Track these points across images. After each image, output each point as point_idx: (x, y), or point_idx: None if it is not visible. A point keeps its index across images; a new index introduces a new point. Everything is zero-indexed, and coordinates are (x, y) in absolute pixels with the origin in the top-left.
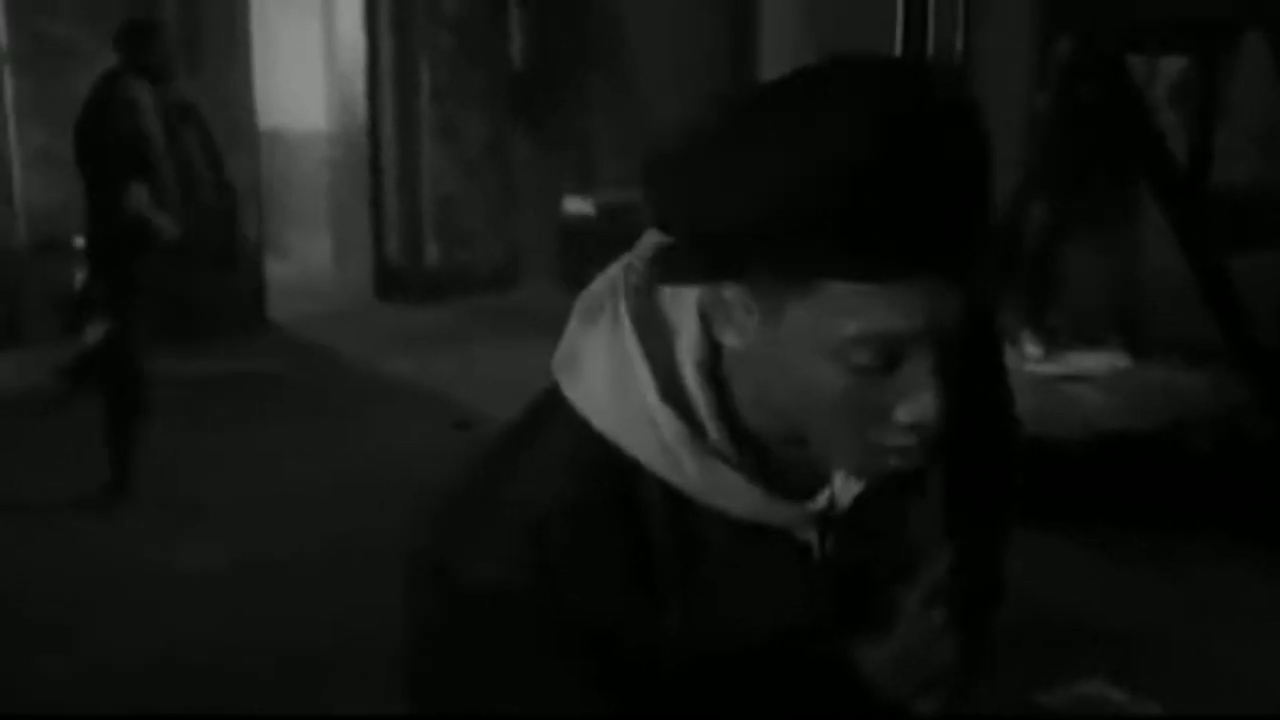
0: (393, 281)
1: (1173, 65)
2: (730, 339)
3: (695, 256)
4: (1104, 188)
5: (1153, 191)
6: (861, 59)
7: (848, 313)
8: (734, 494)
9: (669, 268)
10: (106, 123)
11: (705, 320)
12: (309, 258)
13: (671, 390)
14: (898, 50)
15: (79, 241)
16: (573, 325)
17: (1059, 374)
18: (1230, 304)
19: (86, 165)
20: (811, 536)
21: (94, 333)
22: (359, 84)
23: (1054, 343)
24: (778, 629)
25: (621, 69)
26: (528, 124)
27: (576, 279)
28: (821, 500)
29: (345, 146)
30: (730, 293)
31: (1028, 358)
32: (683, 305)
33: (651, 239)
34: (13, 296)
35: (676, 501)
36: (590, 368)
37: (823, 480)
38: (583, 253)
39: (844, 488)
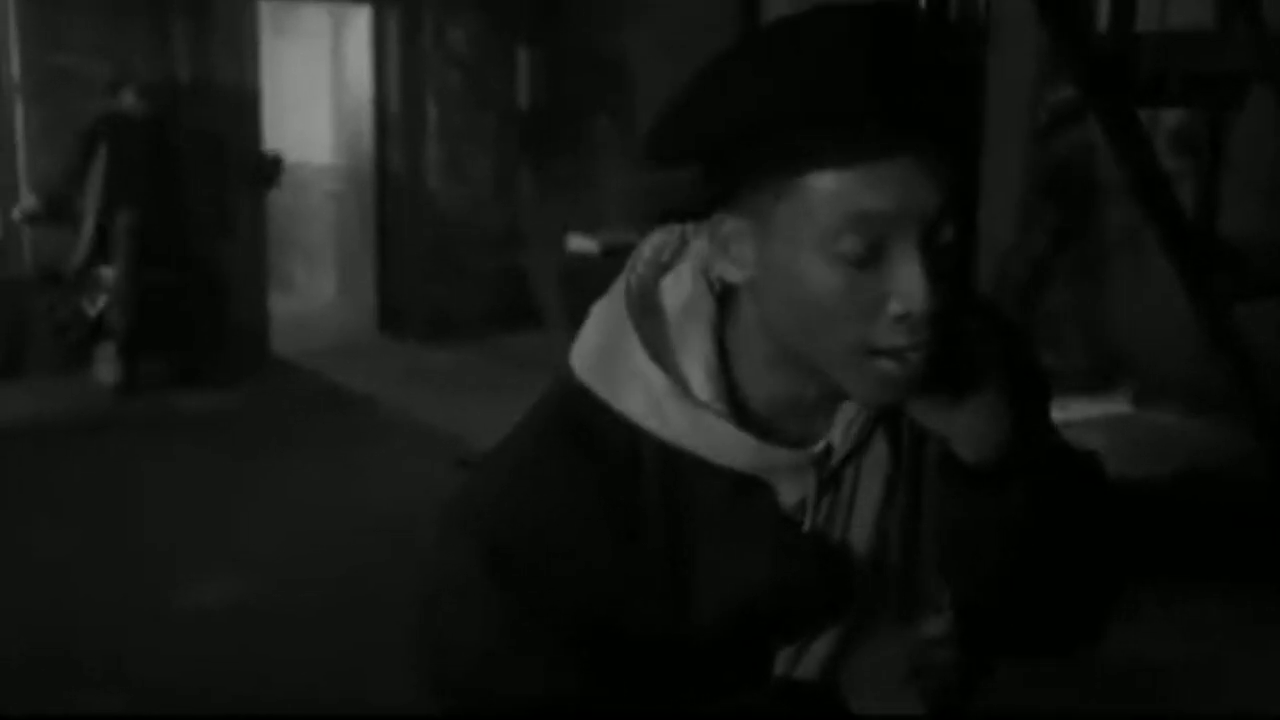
0: (397, 317)
1: (1173, 114)
2: (733, 274)
3: (699, 188)
4: (1109, 232)
5: (1158, 237)
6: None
7: (831, 201)
8: (724, 442)
9: (675, 209)
10: None
11: (711, 285)
12: (313, 292)
13: (660, 352)
14: None
15: (99, 271)
16: (587, 320)
17: (1059, 419)
18: (1236, 351)
19: None
20: (805, 499)
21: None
22: (366, 121)
23: (1055, 387)
24: (761, 598)
25: (627, 111)
26: (533, 163)
27: (580, 318)
28: (818, 446)
29: (351, 183)
30: (728, 226)
31: None
32: (687, 284)
33: (667, 232)
34: (17, 325)
35: (667, 459)
36: (587, 334)
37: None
38: (586, 292)
39: (841, 439)
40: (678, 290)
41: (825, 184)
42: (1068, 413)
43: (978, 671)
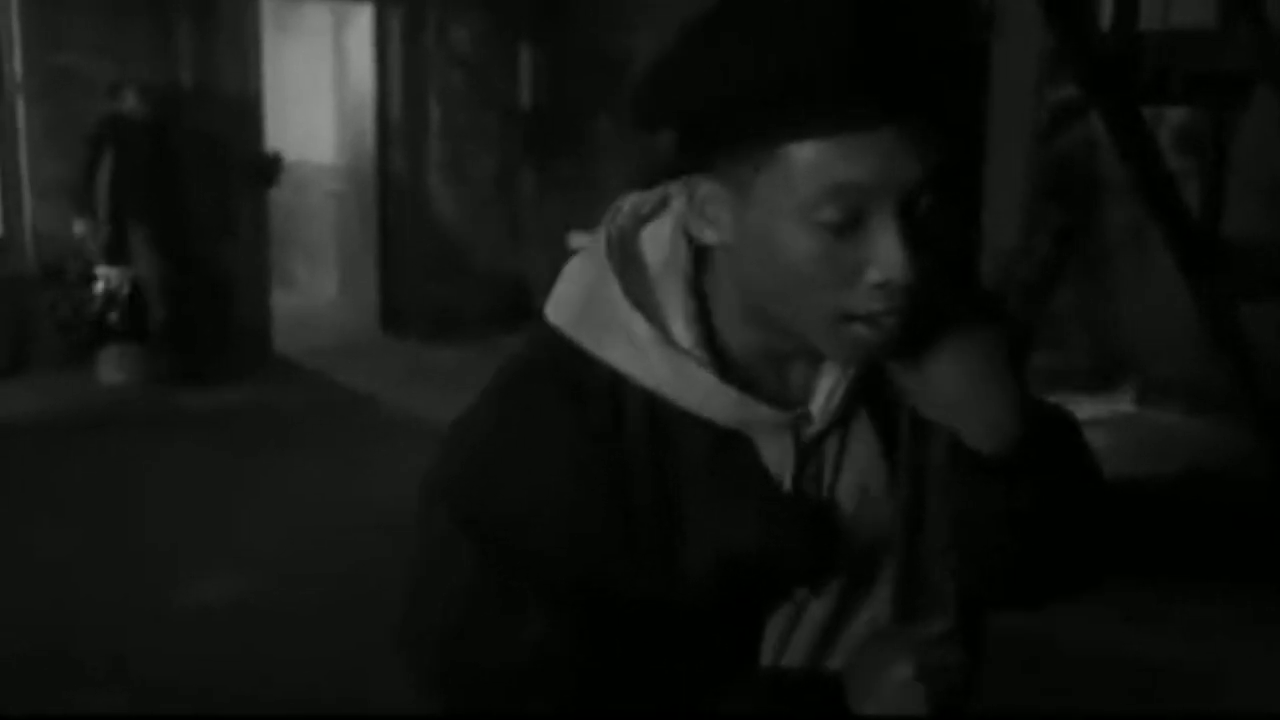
0: (398, 316)
1: (1178, 113)
2: (710, 236)
3: (679, 152)
4: (1112, 231)
5: (1163, 235)
6: None
7: (811, 171)
8: (706, 393)
9: (654, 169)
10: None
11: (689, 238)
12: (315, 291)
13: (641, 300)
14: None
15: (100, 270)
16: (562, 271)
17: None
18: (1238, 350)
19: None
20: (786, 469)
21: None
22: (368, 120)
23: (1053, 383)
24: (744, 553)
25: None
26: (535, 163)
27: None
28: (798, 410)
29: (354, 181)
30: (704, 188)
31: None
32: (665, 235)
33: (637, 195)
34: (22, 323)
35: (650, 410)
36: (564, 286)
37: (801, 403)
38: None
39: (822, 410)
40: (657, 243)
41: (805, 155)
42: (1070, 410)
43: (979, 670)
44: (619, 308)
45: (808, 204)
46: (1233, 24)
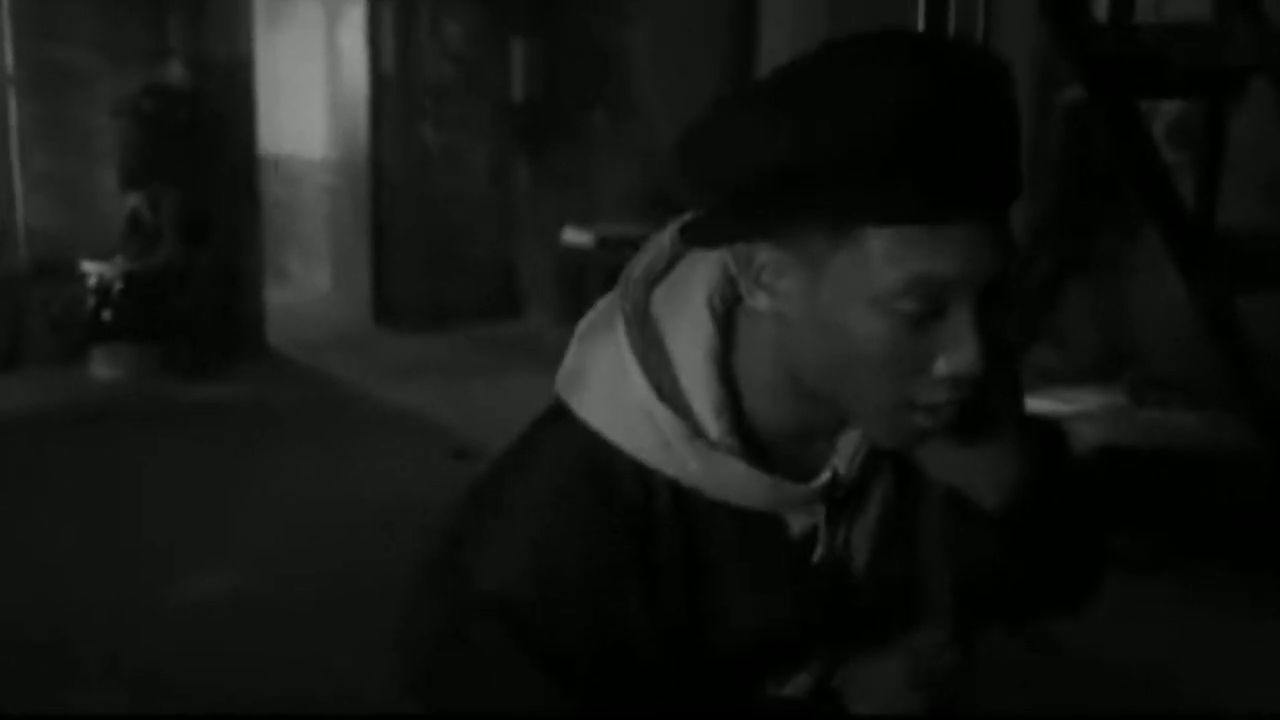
0: (392, 309)
1: (1173, 106)
2: (764, 303)
3: (733, 216)
4: (1109, 226)
5: (1158, 230)
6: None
7: (893, 259)
8: (739, 482)
9: (701, 231)
10: None
11: (715, 312)
12: (309, 284)
13: (666, 389)
14: None
15: (85, 265)
16: (574, 342)
17: (1056, 411)
18: (1235, 345)
19: None
20: (815, 529)
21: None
22: (361, 113)
23: (1050, 379)
24: (778, 630)
25: (623, 102)
26: (529, 156)
27: (575, 310)
28: (824, 477)
29: (347, 175)
30: (764, 255)
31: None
32: (685, 304)
33: (655, 246)
34: (13, 319)
35: (679, 498)
36: (591, 374)
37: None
38: (582, 284)
39: (846, 470)
40: (674, 313)
41: (887, 241)
42: (1065, 406)
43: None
44: (644, 401)
45: (887, 291)
46: (1229, 18)
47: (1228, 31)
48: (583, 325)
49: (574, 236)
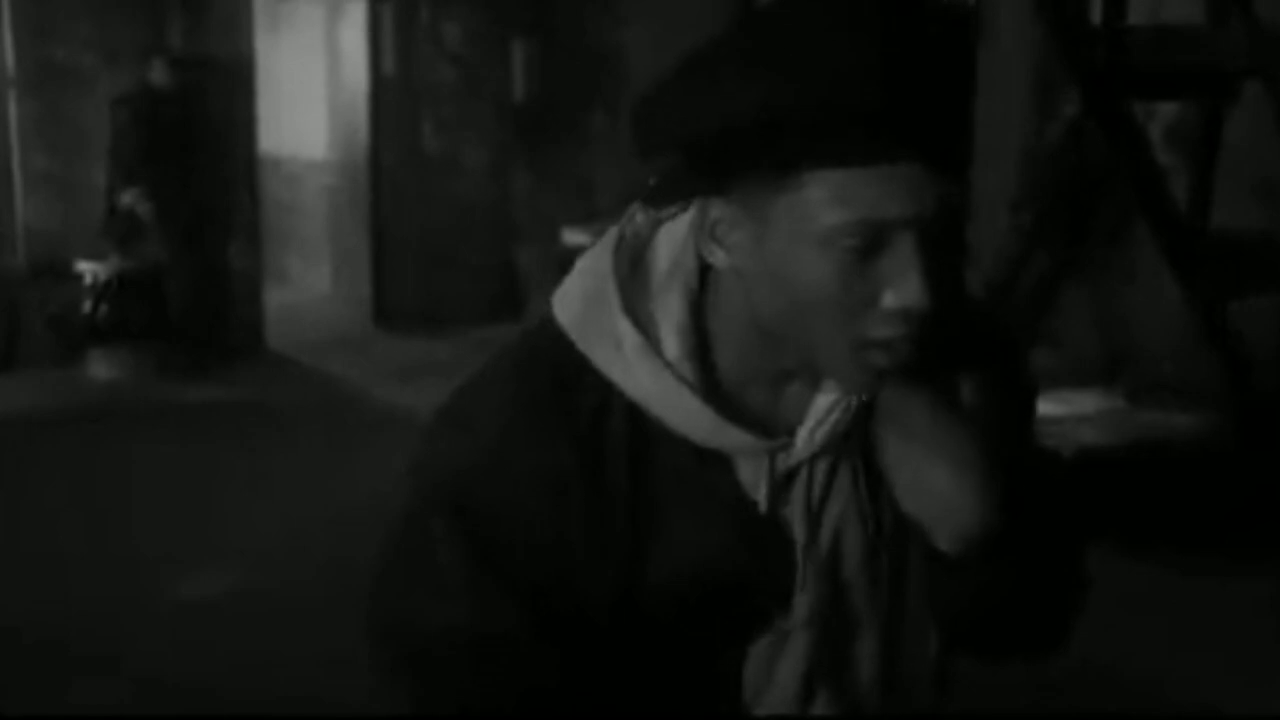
0: (392, 311)
1: (1169, 107)
2: (720, 259)
3: (686, 173)
4: (1104, 230)
5: (1152, 232)
6: None
7: (832, 201)
8: (683, 411)
9: (660, 191)
10: None
11: (700, 257)
12: (308, 285)
13: (634, 308)
14: None
15: (80, 265)
16: (578, 261)
17: (1052, 413)
18: (1227, 347)
19: None
20: (761, 493)
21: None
22: (361, 114)
23: (1048, 381)
24: (714, 572)
25: (622, 103)
26: (528, 156)
27: None
28: (782, 440)
29: (346, 175)
30: (716, 210)
31: None
32: (674, 241)
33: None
34: (11, 319)
35: (634, 419)
36: (572, 281)
37: (789, 431)
38: None
39: (806, 440)
40: (669, 248)
41: (828, 183)
42: (1062, 408)
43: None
44: (612, 312)
45: (829, 231)
46: (1222, 19)
47: (1222, 34)
48: (584, 254)
49: (573, 237)
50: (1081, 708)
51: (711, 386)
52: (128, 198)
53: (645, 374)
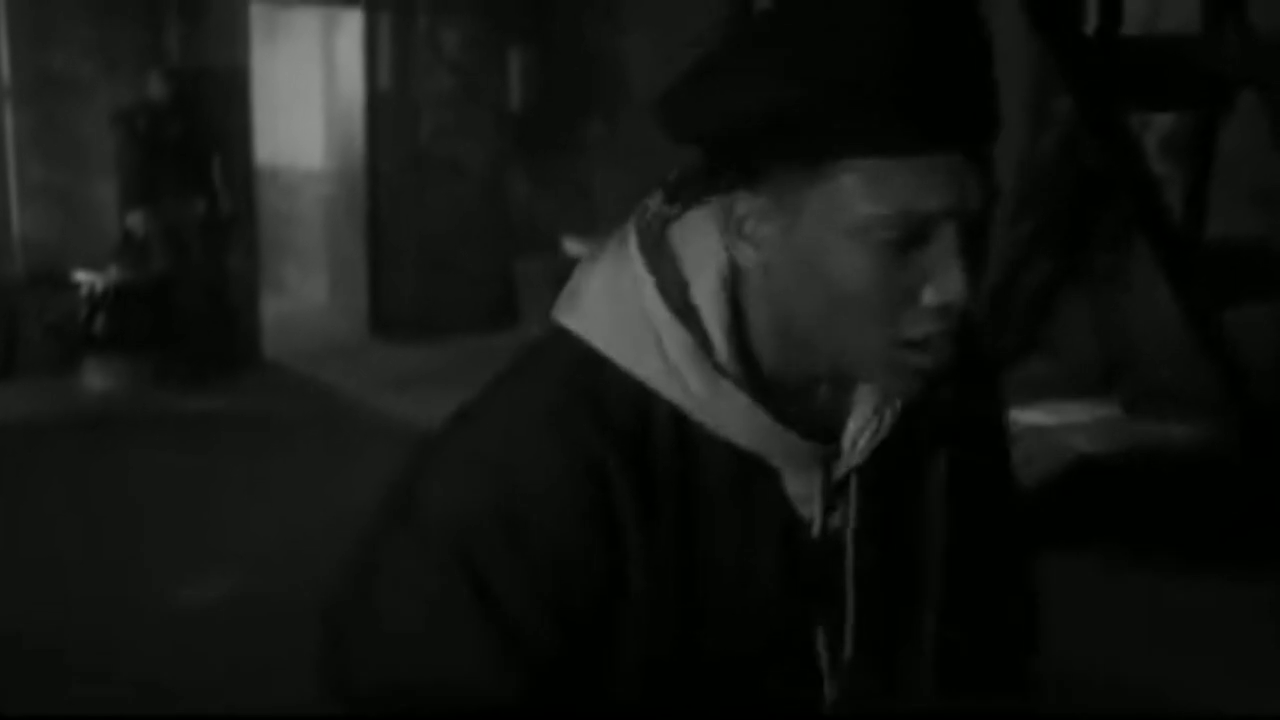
0: (389, 320)
1: (1165, 117)
2: (749, 256)
3: (715, 167)
4: (1101, 238)
5: (1148, 241)
6: None
7: (869, 192)
8: (738, 415)
9: (687, 186)
10: None
11: (729, 253)
12: (305, 295)
13: (678, 305)
14: None
15: (78, 275)
16: (576, 272)
17: (1049, 423)
18: (1223, 356)
19: None
20: (814, 507)
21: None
22: (358, 122)
23: (1045, 390)
24: (756, 586)
25: (621, 111)
26: (526, 164)
27: None
28: (833, 448)
29: (343, 184)
30: (744, 205)
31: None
32: (699, 235)
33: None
34: (9, 329)
35: (679, 429)
36: (591, 292)
37: (834, 435)
38: None
39: (851, 449)
40: (689, 240)
41: (864, 172)
42: (1059, 417)
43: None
44: (654, 314)
45: (866, 221)
46: (1217, 29)
47: (1216, 43)
48: (586, 254)
49: (572, 246)
50: (1082, 712)
51: (762, 389)
52: (134, 220)
53: (697, 378)
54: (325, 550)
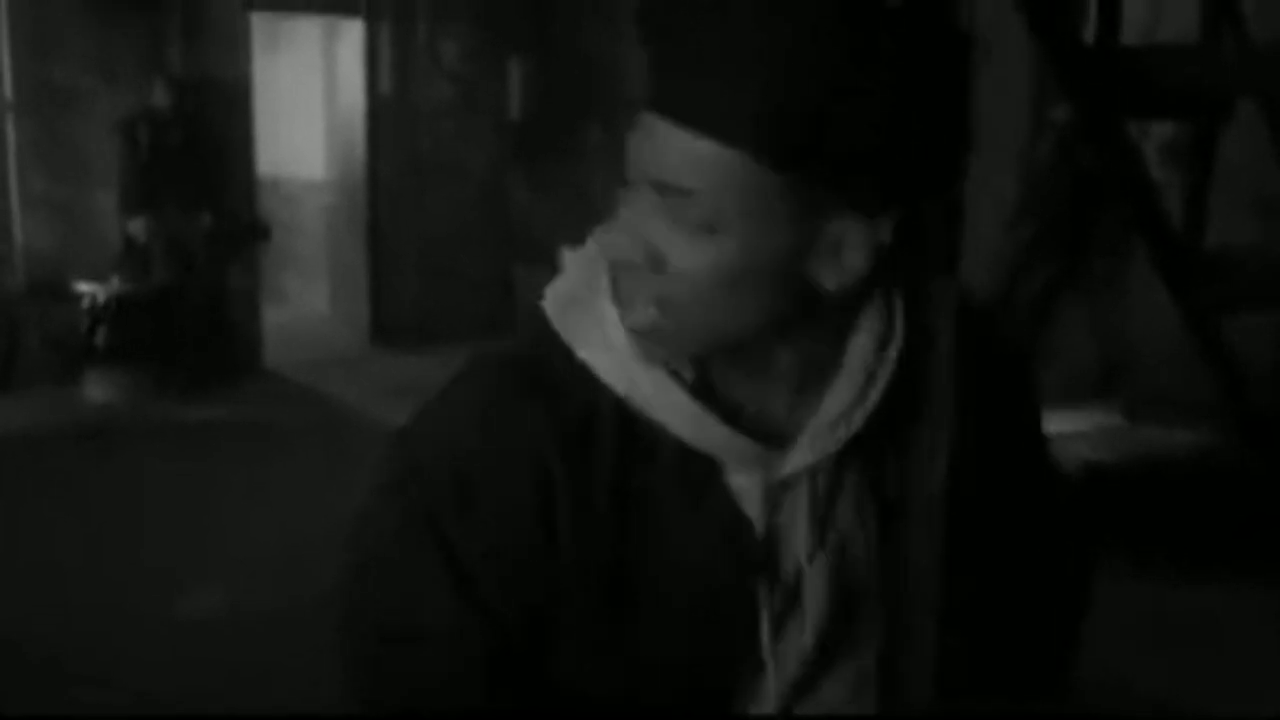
0: (389, 329)
1: (1165, 124)
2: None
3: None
4: (1100, 248)
5: (1148, 249)
6: None
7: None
8: (672, 406)
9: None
10: None
11: None
12: (306, 304)
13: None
14: None
15: (80, 286)
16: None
17: (1051, 430)
18: (1223, 363)
19: None
20: (753, 494)
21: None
22: (359, 132)
23: (1044, 397)
24: (694, 576)
25: (620, 118)
26: (526, 174)
27: None
28: (775, 449)
29: (344, 193)
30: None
31: None
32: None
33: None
34: (9, 339)
35: (624, 417)
36: (561, 275)
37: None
38: None
39: (803, 450)
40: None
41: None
42: (1059, 424)
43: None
44: (602, 302)
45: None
46: (1215, 38)
47: (1216, 53)
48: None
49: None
50: (1083, 713)
51: (705, 386)
52: (136, 227)
53: (635, 365)
54: (325, 559)
